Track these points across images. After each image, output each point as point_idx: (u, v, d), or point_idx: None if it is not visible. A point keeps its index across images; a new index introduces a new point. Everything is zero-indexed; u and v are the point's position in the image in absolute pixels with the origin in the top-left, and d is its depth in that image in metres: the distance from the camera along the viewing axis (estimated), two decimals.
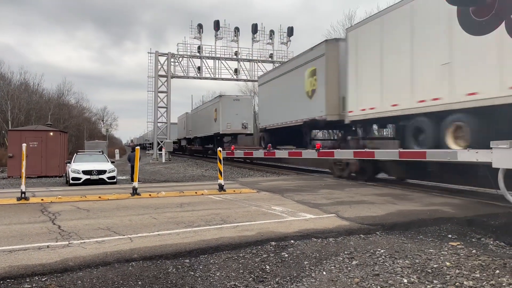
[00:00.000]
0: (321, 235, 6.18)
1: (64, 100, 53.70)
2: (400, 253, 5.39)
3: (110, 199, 9.69)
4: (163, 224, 6.78)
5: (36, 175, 21.20)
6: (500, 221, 7.34)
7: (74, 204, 8.97)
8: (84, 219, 7.26)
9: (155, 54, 37.64)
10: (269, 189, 11.91)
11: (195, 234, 6.11)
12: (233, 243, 5.62)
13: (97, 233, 6.10)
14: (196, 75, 38.51)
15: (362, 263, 4.96)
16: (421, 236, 6.44)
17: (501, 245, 6.15)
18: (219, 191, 11.15)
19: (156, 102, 37.79)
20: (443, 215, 7.67)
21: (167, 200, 9.73)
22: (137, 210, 8.18)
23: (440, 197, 10.08)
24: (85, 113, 63.09)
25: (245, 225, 6.74)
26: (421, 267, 4.83)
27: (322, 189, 11.80)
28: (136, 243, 5.55)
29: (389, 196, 10.17)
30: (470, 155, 8.55)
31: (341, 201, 9.38)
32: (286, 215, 7.70)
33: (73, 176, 15.97)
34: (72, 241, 5.64)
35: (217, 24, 37.26)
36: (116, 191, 11.15)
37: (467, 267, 4.86)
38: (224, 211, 8.13)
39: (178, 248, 5.33)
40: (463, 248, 5.72)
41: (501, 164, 5.80)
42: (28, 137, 21.57)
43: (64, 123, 45.59)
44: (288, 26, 39.37)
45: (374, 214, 7.73)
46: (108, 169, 16.56)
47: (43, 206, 8.57)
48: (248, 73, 39.04)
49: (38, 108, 44.75)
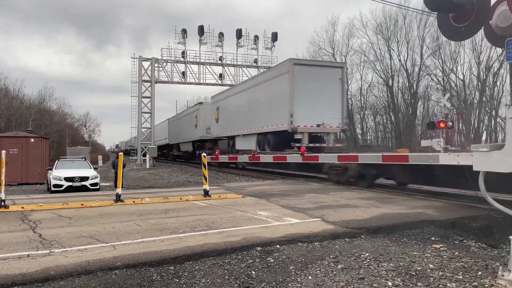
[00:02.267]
0: (307, 240, 6.19)
1: (45, 106, 52.59)
2: (385, 256, 5.43)
3: (93, 206, 9.52)
4: (147, 231, 6.69)
5: (17, 182, 20.73)
6: (482, 223, 7.49)
7: (56, 211, 8.78)
8: (66, 227, 7.12)
9: (138, 59, 37.33)
10: (254, 194, 11.88)
11: (180, 240, 6.05)
12: (219, 249, 5.59)
13: (80, 241, 5.98)
14: (181, 80, 38.30)
15: (347, 267, 4.98)
16: (405, 239, 6.51)
17: (482, 246, 6.26)
18: (204, 196, 11.08)
19: (140, 108, 37.43)
20: (426, 218, 7.77)
21: (151, 206, 9.62)
22: (121, 217, 8.06)
23: (424, 200, 10.22)
24: (67, 119, 61.89)
25: (230, 231, 6.71)
26: (405, 269, 4.88)
27: (307, 194, 11.83)
28: (120, 250, 5.46)
29: (374, 200, 10.26)
30: (452, 158, 8.69)
31: (326, 205, 9.42)
32: (272, 220, 7.69)
33: (55, 183, 15.66)
34: (54, 249, 5.52)
35: (201, 29, 37.22)
36: (99, 198, 10.98)
37: (450, 269, 4.93)
38: (209, 216, 8.07)
39: (163, 255, 5.27)
40: (446, 250, 5.80)
41: (481, 167, 5.93)
42: (8, 144, 21.10)
43: (46, 129, 44.69)
44: (272, 32, 39.58)
45: (358, 218, 7.79)
46: (91, 176, 16.29)
47: (23, 214, 8.37)
48: (233, 78, 39.02)
49: (18, 114, 43.77)
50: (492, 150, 5.83)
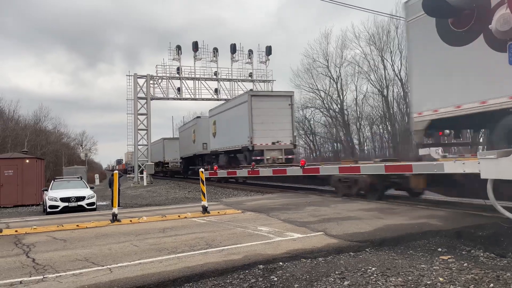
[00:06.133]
0: (310, 255, 5.98)
1: (41, 126, 52.39)
2: (392, 270, 5.23)
3: (89, 227, 9.28)
4: (145, 252, 6.46)
5: (12, 204, 20.44)
6: (488, 232, 7.31)
7: (50, 234, 8.53)
8: (60, 250, 6.87)
9: (134, 77, 37.37)
10: (254, 209, 11.67)
11: (178, 260, 5.83)
12: (219, 269, 5.37)
13: (74, 265, 5.75)
14: (176, 96, 38.32)
15: (354, 283, 4.78)
16: (411, 251, 6.31)
17: (491, 256, 6.07)
18: (203, 213, 10.85)
19: (136, 125, 37.31)
20: (431, 228, 7.59)
21: (148, 225, 9.38)
22: (117, 238, 7.82)
23: (426, 210, 10.04)
24: (63, 139, 61.57)
25: (231, 249, 6.49)
26: (414, 284, 4.68)
27: (307, 207, 11.62)
28: (116, 274, 5.24)
29: (376, 211, 10.07)
30: (457, 166, 8.49)
31: (328, 218, 9.22)
32: (273, 236, 7.48)
33: (51, 204, 15.38)
34: (47, 275, 5.29)
35: (195, 45, 37.41)
36: (95, 218, 10.73)
37: (461, 282, 4.74)
38: (208, 234, 7.85)
39: (161, 277, 5.05)
40: (454, 262, 5.61)
41: (489, 175, 5.77)
42: (3, 165, 20.89)
43: (42, 149, 44.36)
44: (266, 46, 39.82)
45: (362, 230, 7.59)
46: (87, 195, 16.03)
47: (17, 238, 8.12)
48: (229, 92, 39.09)
49: (14, 135, 43.50)
50: (500, 157, 5.68)
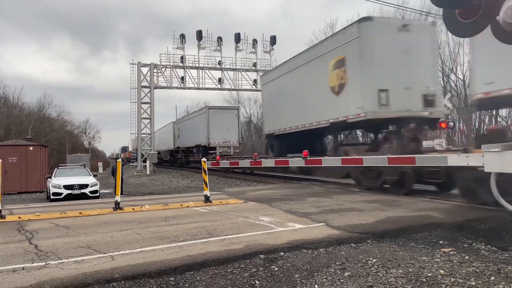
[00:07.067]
0: (311, 246, 5.99)
1: (45, 114, 52.52)
2: (393, 262, 5.23)
3: (91, 215, 9.33)
4: (147, 240, 6.49)
5: (16, 191, 20.55)
6: (490, 225, 7.28)
7: (53, 221, 8.59)
8: (63, 237, 6.92)
9: (137, 65, 37.22)
10: (256, 199, 11.69)
11: (180, 249, 5.85)
12: (221, 258, 5.39)
13: (77, 252, 5.79)
14: (180, 85, 38.14)
15: (355, 274, 4.78)
16: (412, 243, 6.31)
17: (493, 249, 6.05)
18: (205, 202, 10.88)
19: (139, 113, 37.26)
20: (433, 221, 7.57)
21: (151, 214, 9.42)
22: (120, 226, 7.87)
23: (429, 202, 10.02)
24: (67, 126, 61.71)
25: (232, 238, 6.51)
26: (415, 276, 4.68)
27: (310, 197, 11.63)
28: (118, 261, 5.27)
29: (378, 203, 10.06)
30: (461, 159, 8.42)
31: (330, 209, 9.22)
32: (275, 226, 7.50)
33: (54, 191, 15.46)
34: (50, 261, 5.33)
35: (199, 34, 37.10)
36: (98, 206, 10.79)
37: (462, 274, 4.73)
38: (210, 223, 7.88)
39: (163, 265, 5.07)
40: (455, 255, 5.60)
41: (493, 168, 5.72)
42: (7, 152, 20.94)
43: (46, 137, 44.53)
44: (271, 35, 39.40)
45: (364, 222, 7.59)
46: (91, 183, 16.10)
47: (20, 225, 8.18)
48: (232, 82, 38.88)
49: (18, 123, 43.64)
50: (504, 150, 5.62)
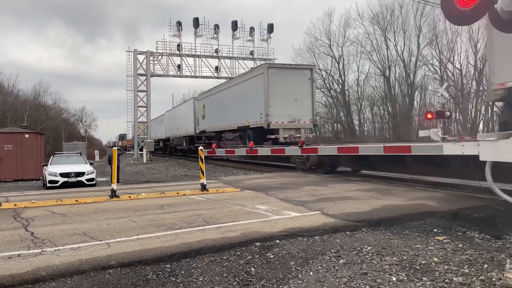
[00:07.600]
0: (307, 234, 6.03)
1: (40, 101, 52.13)
2: (387, 249, 5.28)
3: (88, 203, 9.33)
4: (143, 228, 6.51)
5: (12, 178, 20.52)
6: (484, 214, 7.35)
7: (49, 208, 8.58)
8: (59, 224, 6.93)
9: (133, 53, 36.88)
10: (252, 187, 11.72)
11: (176, 237, 5.88)
12: (217, 245, 5.42)
13: (73, 239, 5.80)
14: (176, 73, 37.87)
15: (350, 262, 4.83)
16: (407, 231, 6.37)
17: (486, 238, 6.13)
18: (202, 190, 10.91)
19: (135, 102, 37.06)
20: (428, 209, 7.64)
21: (147, 202, 9.43)
22: (116, 213, 7.88)
23: (424, 191, 10.08)
24: (63, 114, 61.31)
25: (228, 226, 6.54)
26: (409, 263, 4.73)
27: (306, 186, 11.68)
28: (114, 248, 5.29)
29: (374, 191, 10.11)
30: (456, 148, 8.49)
31: (326, 198, 9.27)
32: (271, 214, 7.53)
33: (50, 179, 15.44)
34: (46, 248, 5.34)
35: (196, 22, 36.73)
36: (94, 194, 10.79)
37: (455, 262, 4.79)
38: (207, 211, 7.90)
39: (159, 252, 5.10)
40: (449, 243, 5.66)
41: (488, 157, 5.75)
42: (2, 140, 20.86)
43: (41, 124, 44.28)
44: (268, 23, 39.09)
45: (359, 210, 7.64)
46: (87, 171, 16.09)
47: (16, 212, 8.17)
48: (229, 71, 38.62)
49: (13, 110, 43.31)
50: (499, 139, 5.64)
